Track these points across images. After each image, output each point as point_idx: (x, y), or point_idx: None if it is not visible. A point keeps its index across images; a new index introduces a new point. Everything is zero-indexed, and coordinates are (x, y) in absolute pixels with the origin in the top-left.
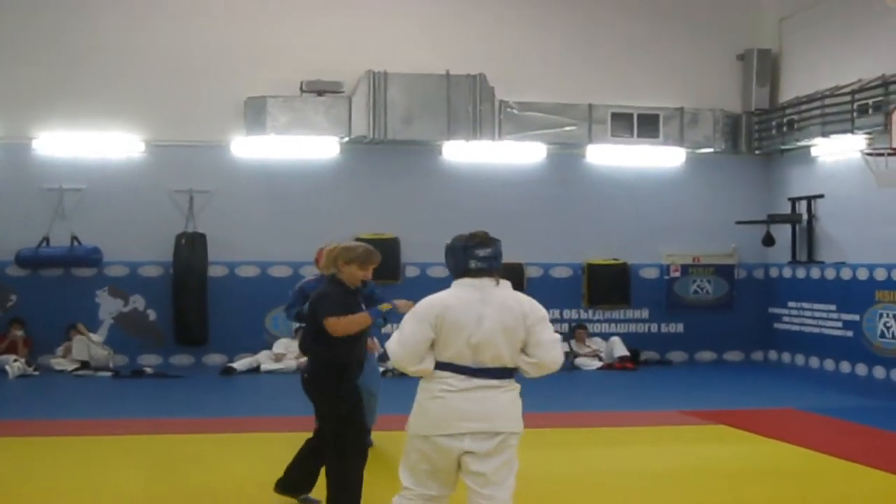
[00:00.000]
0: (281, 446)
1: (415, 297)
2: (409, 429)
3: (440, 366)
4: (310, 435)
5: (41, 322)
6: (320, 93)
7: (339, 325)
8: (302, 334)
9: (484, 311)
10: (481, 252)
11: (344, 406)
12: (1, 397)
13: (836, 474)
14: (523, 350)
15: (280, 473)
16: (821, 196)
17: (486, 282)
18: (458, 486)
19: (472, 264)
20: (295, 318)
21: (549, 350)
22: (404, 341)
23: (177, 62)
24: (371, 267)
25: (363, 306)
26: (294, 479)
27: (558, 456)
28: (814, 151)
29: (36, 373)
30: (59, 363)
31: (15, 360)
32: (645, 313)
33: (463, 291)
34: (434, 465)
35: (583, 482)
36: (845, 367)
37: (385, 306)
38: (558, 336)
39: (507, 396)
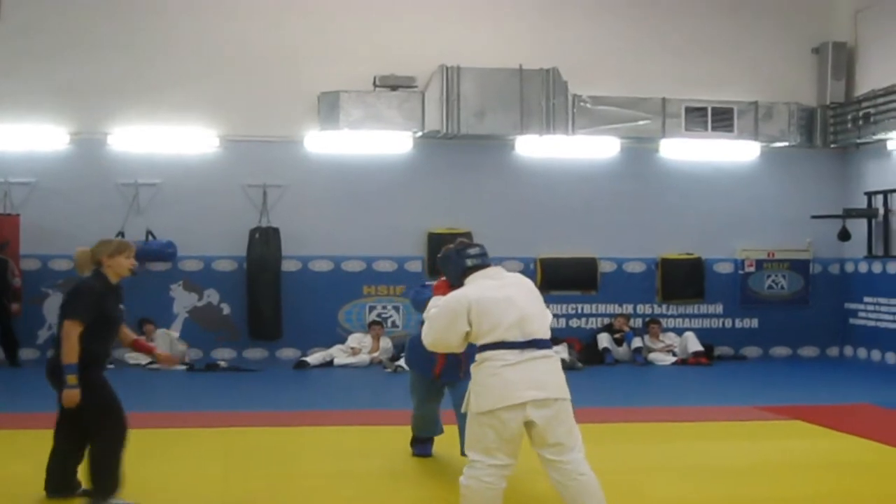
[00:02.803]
0: (354, 439)
1: None
2: (472, 408)
3: (492, 346)
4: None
5: None
6: (393, 87)
7: (70, 340)
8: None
9: (509, 292)
10: (472, 251)
11: (96, 394)
12: None
13: None
14: None
15: (351, 465)
16: None
17: (493, 269)
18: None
19: (469, 262)
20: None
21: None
22: (438, 333)
23: (250, 58)
24: (133, 252)
25: (122, 306)
26: (57, 480)
27: (634, 450)
28: (890, 145)
29: (111, 366)
30: (133, 357)
31: None
32: (719, 308)
33: (481, 282)
34: (501, 437)
35: (659, 476)
36: None
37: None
38: None
39: (556, 364)
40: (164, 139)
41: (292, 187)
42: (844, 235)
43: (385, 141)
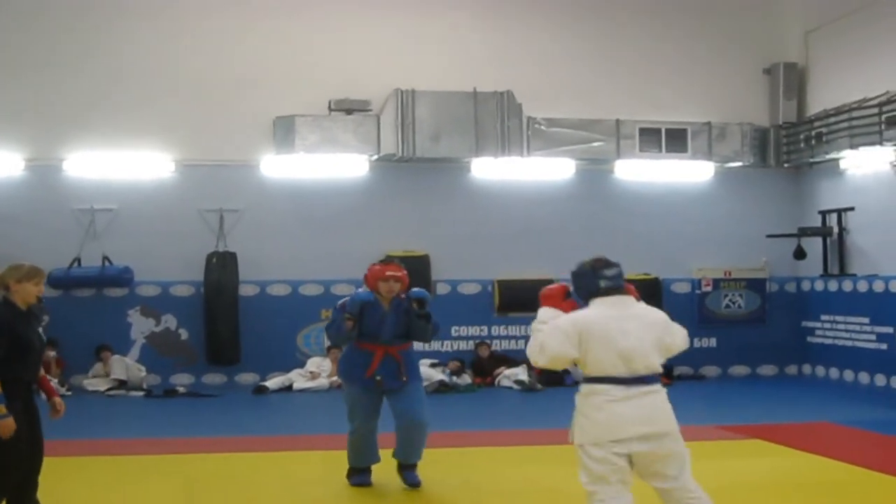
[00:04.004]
0: (313, 465)
1: (445, 312)
2: (577, 439)
3: (597, 380)
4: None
5: (73, 342)
6: (349, 111)
7: None
8: None
9: (627, 325)
10: (608, 272)
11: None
12: None
13: (872, 487)
14: None
15: (312, 492)
16: (851, 209)
17: (621, 298)
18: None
19: (602, 283)
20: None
21: (684, 339)
22: (547, 352)
23: (206, 82)
24: (42, 280)
25: (41, 330)
26: None
27: None
28: (842, 164)
29: (69, 393)
30: (91, 383)
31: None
32: None
33: (602, 309)
34: (613, 467)
35: None
36: (880, 380)
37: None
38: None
39: (662, 397)
40: (120, 164)
41: (249, 211)
42: (800, 254)
43: (341, 164)
